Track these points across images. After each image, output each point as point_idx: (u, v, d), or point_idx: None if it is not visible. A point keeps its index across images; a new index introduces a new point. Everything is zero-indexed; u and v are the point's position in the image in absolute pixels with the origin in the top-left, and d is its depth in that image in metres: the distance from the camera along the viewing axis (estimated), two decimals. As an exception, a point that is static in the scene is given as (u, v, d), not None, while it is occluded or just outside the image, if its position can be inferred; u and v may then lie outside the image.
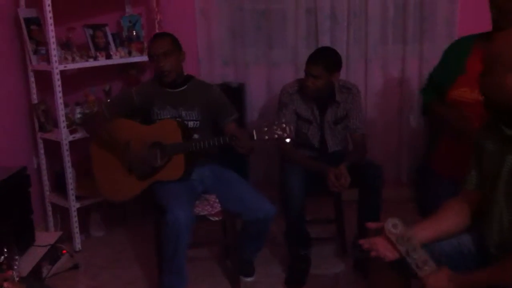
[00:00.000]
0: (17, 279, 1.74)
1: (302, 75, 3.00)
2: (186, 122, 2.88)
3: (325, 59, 2.88)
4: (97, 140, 2.96)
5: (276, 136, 2.59)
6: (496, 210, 1.79)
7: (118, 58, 3.53)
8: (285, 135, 2.59)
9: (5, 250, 1.76)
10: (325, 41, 3.69)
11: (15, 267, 1.77)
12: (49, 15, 3.10)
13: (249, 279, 2.98)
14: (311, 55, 2.93)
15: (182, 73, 2.93)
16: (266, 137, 2.60)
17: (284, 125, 2.60)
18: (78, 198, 3.40)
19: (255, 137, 2.60)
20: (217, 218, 2.80)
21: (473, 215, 1.92)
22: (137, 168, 2.82)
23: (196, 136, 2.88)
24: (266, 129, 2.60)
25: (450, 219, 1.92)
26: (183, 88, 2.93)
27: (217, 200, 2.83)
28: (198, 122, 2.90)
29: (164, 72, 2.83)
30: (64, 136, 3.29)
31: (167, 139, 2.77)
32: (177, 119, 2.87)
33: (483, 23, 2.50)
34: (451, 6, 3.68)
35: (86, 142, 3.11)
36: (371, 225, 1.94)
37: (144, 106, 2.91)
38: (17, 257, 1.81)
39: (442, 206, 1.95)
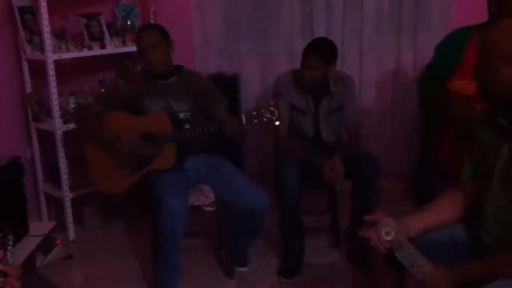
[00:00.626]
0: (11, 260, 1.61)
1: (296, 65, 2.98)
2: (177, 113, 2.85)
3: (323, 51, 2.86)
4: (88, 134, 2.92)
5: (265, 119, 2.56)
6: (490, 200, 1.79)
7: (112, 48, 3.51)
8: (274, 118, 2.56)
9: None
10: (320, 32, 3.68)
11: (9, 247, 1.64)
12: (43, 4, 3.07)
13: (243, 269, 2.99)
14: (308, 46, 2.90)
15: (171, 64, 2.89)
16: (255, 120, 2.56)
17: (272, 108, 2.56)
18: (72, 188, 3.39)
19: (244, 121, 2.57)
20: (211, 209, 2.80)
21: (467, 206, 1.92)
22: (128, 159, 2.81)
23: (187, 126, 2.85)
24: (255, 113, 2.57)
25: (445, 210, 1.92)
26: (172, 79, 2.89)
27: (211, 190, 2.83)
28: (189, 113, 2.87)
29: (152, 64, 2.79)
30: (58, 126, 3.28)
31: (157, 130, 2.76)
32: (167, 110, 2.84)
33: (479, 14, 2.50)
34: (446, -3, 3.67)
35: (80, 132, 3.09)
36: (368, 218, 1.95)
37: (133, 97, 2.87)
38: (10, 237, 1.65)
39: (438, 197, 1.96)
